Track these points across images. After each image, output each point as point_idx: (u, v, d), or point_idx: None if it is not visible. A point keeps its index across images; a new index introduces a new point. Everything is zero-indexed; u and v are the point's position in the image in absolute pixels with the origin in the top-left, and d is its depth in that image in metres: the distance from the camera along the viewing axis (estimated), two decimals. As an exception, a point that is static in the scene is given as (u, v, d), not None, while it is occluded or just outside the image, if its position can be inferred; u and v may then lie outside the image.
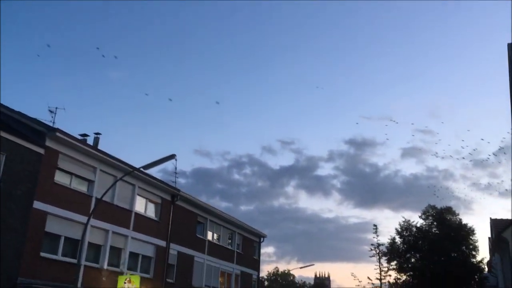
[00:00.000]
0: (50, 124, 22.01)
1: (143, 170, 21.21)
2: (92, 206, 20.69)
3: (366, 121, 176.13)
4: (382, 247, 35.00)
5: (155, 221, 26.50)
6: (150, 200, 26.39)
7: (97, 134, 25.84)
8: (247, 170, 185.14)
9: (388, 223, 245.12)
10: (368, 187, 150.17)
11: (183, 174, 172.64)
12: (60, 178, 20.27)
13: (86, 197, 21.37)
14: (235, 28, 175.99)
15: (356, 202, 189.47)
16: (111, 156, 22.70)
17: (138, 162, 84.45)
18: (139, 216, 24.95)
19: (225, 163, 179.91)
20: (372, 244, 35.27)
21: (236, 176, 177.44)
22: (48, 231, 19.20)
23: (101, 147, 24.28)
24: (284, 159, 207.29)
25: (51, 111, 23.87)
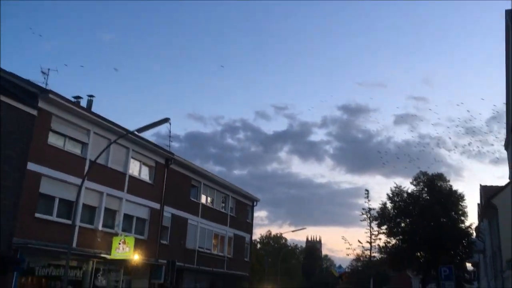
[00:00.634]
0: (43, 85, 21.74)
1: (137, 133, 21.22)
2: (86, 169, 20.71)
3: (359, 87, 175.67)
4: (373, 212, 35.75)
5: (149, 184, 26.66)
6: (144, 163, 26.45)
7: (90, 96, 25.38)
8: (241, 135, 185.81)
9: (380, 189, 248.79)
10: (360, 153, 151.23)
11: (177, 138, 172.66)
12: (54, 140, 20.19)
13: (80, 159, 21.36)
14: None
15: (348, 167, 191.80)
16: (105, 119, 22.54)
17: (132, 125, 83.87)
18: (133, 179, 25.06)
19: (218, 128, 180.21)
20: (363, 209, 36.00)
21: (229, 140, 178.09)
22: (43, 192, 19.29)
23: (94, 109, 24.03)
24: (278, 125, 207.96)
25: (43, 73, 23.56)
